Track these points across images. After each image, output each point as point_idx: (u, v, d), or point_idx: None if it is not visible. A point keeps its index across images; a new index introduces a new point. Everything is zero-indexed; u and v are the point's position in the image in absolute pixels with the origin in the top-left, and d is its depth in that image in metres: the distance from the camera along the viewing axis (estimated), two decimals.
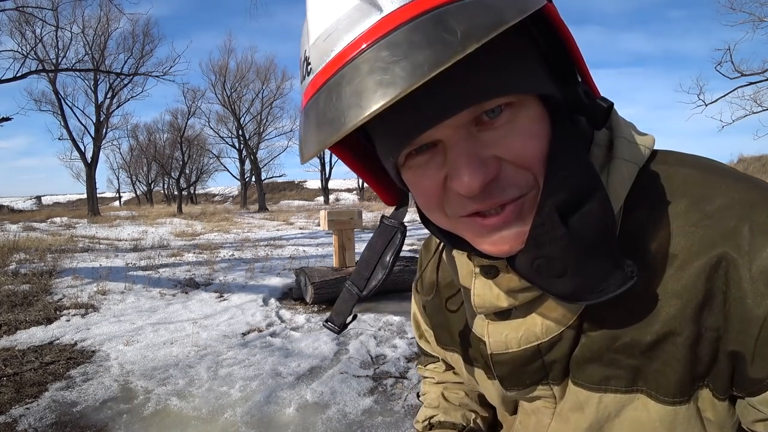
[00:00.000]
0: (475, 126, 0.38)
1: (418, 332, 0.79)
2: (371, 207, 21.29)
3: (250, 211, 25.31)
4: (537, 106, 0.40)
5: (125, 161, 41.91)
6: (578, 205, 0.39)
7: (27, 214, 22.13)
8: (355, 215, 5.07)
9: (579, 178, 0.39)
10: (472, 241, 0.44)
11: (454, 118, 0.37)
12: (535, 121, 0.39)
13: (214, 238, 11.28)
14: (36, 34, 18.92)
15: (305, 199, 44.95)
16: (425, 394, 0.81)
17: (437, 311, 0.66)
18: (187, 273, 6.22)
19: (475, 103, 0.36)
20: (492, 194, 0.39)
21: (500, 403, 0.59)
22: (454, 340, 0.63)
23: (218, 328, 3.87)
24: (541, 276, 0.42)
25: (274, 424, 2.36)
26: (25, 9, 13.22)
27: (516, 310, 0.49)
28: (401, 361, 3.08)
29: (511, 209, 0.40)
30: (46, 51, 20.31)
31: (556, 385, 0.49)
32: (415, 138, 0.38)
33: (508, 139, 0.38)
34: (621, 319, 0.43)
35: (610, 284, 0.39)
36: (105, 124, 24.34)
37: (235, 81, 29.98)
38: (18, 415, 2.44)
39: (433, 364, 0.82)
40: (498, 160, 0.39)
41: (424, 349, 0.81)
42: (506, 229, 0.41)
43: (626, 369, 0.43)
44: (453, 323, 0.63)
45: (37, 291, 5.01)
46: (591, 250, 0.39)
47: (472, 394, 0.75)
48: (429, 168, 0.41)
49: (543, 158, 0.39)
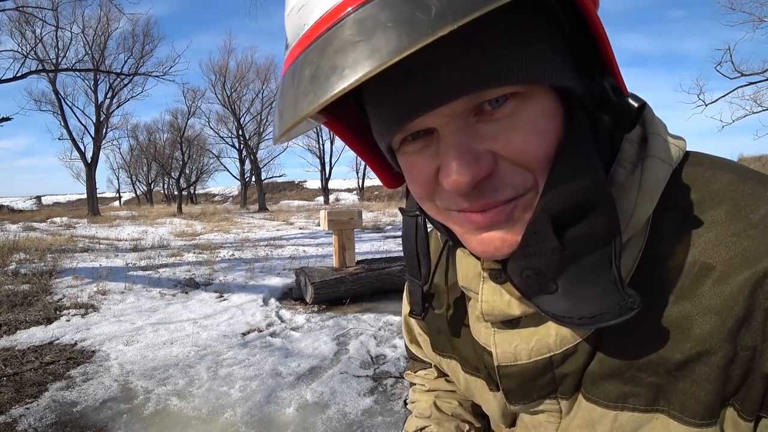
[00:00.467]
0: (475, 116, 0.35)
1: (409, 336, 0.75)
2: (371, 207, 21.30)
3: (250, 211, 25.30)
4: (549, 99, 0.35)
5: (125, 161, 41.94)
6: (578, 218, 0.35)
7: (27, 214, 22.13)
8: (355, 215, 5.07)
9: (585, 187, 0.34)
10: (461, 237, 0.41)
11: (448, 106, 0.33)
12: (543, 115, 0.35)
13: (214, 238, 11.27)
14: (36, 34, 18.92)
15: (305, 199, 44.93)
16: (414, 402, 0.76)
17: (435, 315, 0.62)
18: (187, 273, 6.22)
19: (473, 91, 0.32)
20: (483, 193, 0.35)
21: (499, 416, 0.55)
22: (452, 347, 0.58)
23: (218, 328, 3.87)
24: (530, 289, 0.39)
25: (274, 424, 2.36)
26: (25, 9, 13.22)
27: (526, 318, 0.45)
28: (401, 361, 3.08)
29: (499, 210, 0.36)
30: (46, 51, 20.31)
31: (564, 400, 0.45)
32: (405, 124, 0.35)
33: (508, 133, 0.34)
34: (646, 333, 0.39)
35: (605, 313, 0.35)
36: (105, 124, 24.33)
37: (235, 81, 29.99)
38: (18, 415, 2.44)
39: (424, 370, 0.77)
40: (494, 157, 0.35)
41: (414, 354, 0.76)
42: (493, 229, 0.37)
43: (648, 387, 0.39)
44: (452, 328, 0.58)
45: (37, 291, 5.01)
46: (585, 272, 0.35)
47: (465, 403, 0.71)
48: (422, 156, 0.38)
49: (547, 159, 0.35)
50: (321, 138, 36.18)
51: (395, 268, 5.04)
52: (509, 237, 0.37)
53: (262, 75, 31.08)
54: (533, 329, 0.44)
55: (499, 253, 0.38)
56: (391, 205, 23.90)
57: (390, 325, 3.88)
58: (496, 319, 0.45)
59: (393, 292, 4.94)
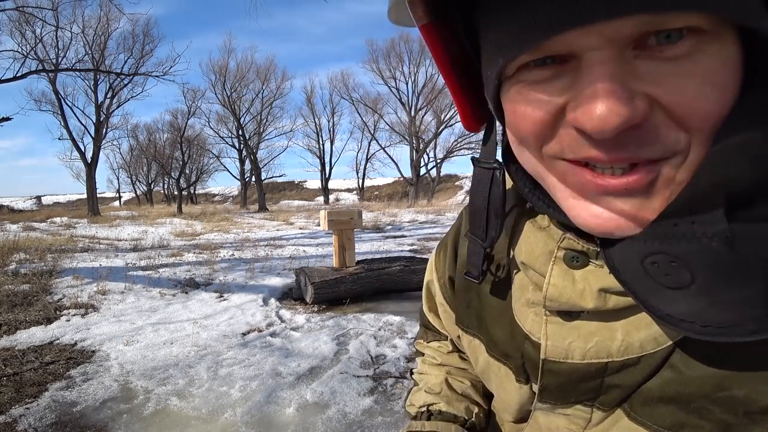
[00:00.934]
0: (633, 49, 0.27)
1: (428, 303, 0.68)
2: (371, 207, 21.31)
3: (250, 211, 25.31)
4: (734, 46, 0.27)
5: (125, 161, 41.96)
6: (748, 202, 0.27)
7: (27, 214, 22.13)
8: (355, 215, 5.07)
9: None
10: (562, 201, 0.33)
11: (614, 23, 0.25)
12: (725, 65, 0.27)
13: (214, 238, 11.27)
14: (36, 34, 18.90)
15: (305, 199, 44.97)
16: (422, 375, 0.70)
17: (468, 289, 0.54)
18: (187, 273, 6.22)
19: (653, 10, 0.25)
20: (624, 145, 0.28)
21: (515, 409, 0.49)
22: (481, 325, 0.52)
23: (218, 328, 3.87)
24: (644, 280, 0.31)
25: (274, 424, 2.36)
26: (25, 9, 13.21)
27: (588, 312, 0.38)
28: (401, 361, 3.08)
29: (642, 176, 0.29)
30: (46, 51, 20.29)
31: (599, 410, 0.40)
32: (543, 41, 0.27)
33: (677, 79, 0.27)
34: (737, 364, 0.32)
35: (738, 327, 0.28)
36: (105, 124, 24.33)
37: (235, 81, 29.99)
38: (18, 415, 2.44)
39: (437, 342, 0.70)
40: (650, 103, 0.27)
41: (429, 323, 0.70)
42: (624, 198, 0.30)
43: (715, 424, 0.33)
44: (488, 306, 0.51)
45: (37, 291, 5.01)
46: (743, 269, 0.27)
47: (477, 384, 0.66)
48: (546, 89, 0.30)
49: (718, 118, 0.28)
50: (321, 138, 36.23)
51: (395, 268, 5.04)
52: (641, 213, 0.30)
53: (262, 75, 31.12)
54: (595, 327, 0.38)
55: (619, 231, 0.31)
56: (390, 205, 23.91)
57: (390, 325, 3.88)
58: (559, 307, 0.39)
59: (393, 292, 4.95)
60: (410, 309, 4.40)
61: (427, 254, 7.27)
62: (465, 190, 38.10)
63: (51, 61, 20.32)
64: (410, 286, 5.04)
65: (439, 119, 30.76)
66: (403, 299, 4.82)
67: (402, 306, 4.54)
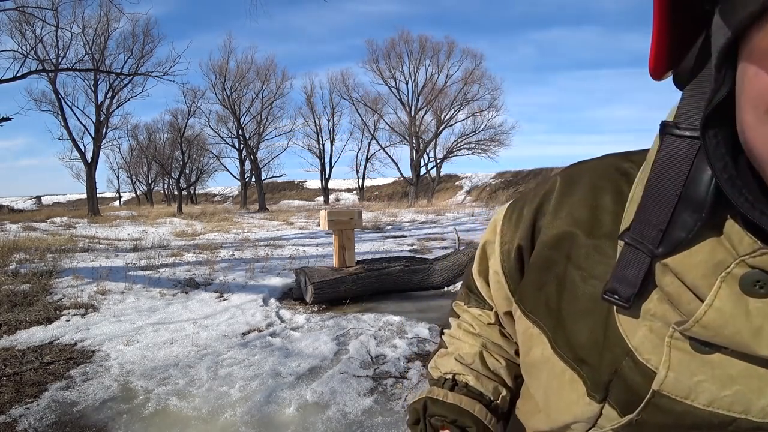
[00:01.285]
0: None
1: (480, 266, 0.59)
2: (371, 207, 21.31)
3: (250, 211, 25.31)
4: None
5: (125, 161, 41.92)
6: None
7: (27, 214, 22.11)
8: (355, 215, 5.08)
9: None
10: None
11: None
12: None
13: (214, 238, 11.27)
14: (36, 34, 18.88)
15: (305, 199, 44.95)
16: (455, 339, 0.62)
17: (546, 269, 0.44)
18: (187, 273, 6.22)
19: None
20: None
21: (564, 423, 0.42)
22: (554, 317, 0.42)
23: (218, 328, 3.87)
24: None
25: (274, 424, 2.36)
26: (25, 9, 13.21)
27: (735, 351, 0.30)
28: (401, 361, 3.09)
29: None
30: (46, 51, 20.27)
31: None
32: None
33: None
34: None
35: None
36: (105, 124, 24.31)
37: (235, 81, 29.95)
38: (18, 415, 2.44)
39: (479, 309, 0.61)
40: None
41: (476, 287, 0.60)
42: None
43: None
44: (570, 297, 0.41)
45: (37, 291, 5.01)
46: None
47: (511, 366, 0.58)
48: None
49: None
50: (321, 138, 36.19)
51: (395, 268, 5.04)
52: None
53: (262, 75, 31.06)
54: (738, 371, 0.30)
55: None
56: (390, 205, 23.90)
57: (390, 325, 3.88)
58: (712, 340, 0.30)
59: (393, 292, 4.95)
60: (410, 309, 4.41)
61: (428, 254, 7.26)
62: (465, 190, 38.06)
63: (51, 61, 20.30)
64: (410, 286, 5.05)
65: (439, 119, 30.76)
66: (403, 299, 4.83)
67: (402, 306, 4.55)
